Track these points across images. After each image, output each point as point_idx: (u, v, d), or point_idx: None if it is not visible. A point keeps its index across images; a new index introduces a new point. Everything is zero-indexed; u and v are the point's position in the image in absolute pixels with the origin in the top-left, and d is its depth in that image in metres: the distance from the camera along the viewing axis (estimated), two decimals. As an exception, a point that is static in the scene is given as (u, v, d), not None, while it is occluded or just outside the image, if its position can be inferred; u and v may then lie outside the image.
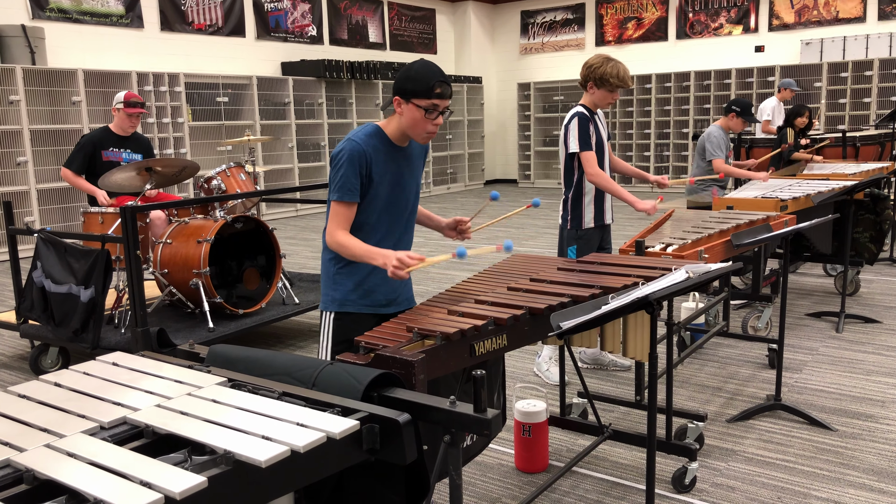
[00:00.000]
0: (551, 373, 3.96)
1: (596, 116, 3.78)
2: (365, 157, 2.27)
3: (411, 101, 2.23)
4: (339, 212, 2.29)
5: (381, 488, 1.41)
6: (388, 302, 2.44)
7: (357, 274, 2.37)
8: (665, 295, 2.00)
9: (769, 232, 3.35)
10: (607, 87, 3.62)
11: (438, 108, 2.25)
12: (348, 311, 2.39)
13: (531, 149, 14.46)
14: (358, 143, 2.27)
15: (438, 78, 2.22)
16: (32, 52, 8.05)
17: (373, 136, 2.32)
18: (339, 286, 2.39)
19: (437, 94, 2.22)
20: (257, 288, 4.75)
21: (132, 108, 4.85)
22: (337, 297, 2.39)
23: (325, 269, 2.44)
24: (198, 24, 10.13)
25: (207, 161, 9.79)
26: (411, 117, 2.26)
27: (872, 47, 11.04)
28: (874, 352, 4.25)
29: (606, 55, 3.66)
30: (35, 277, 4.19)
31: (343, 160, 2.27)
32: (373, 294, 2.39)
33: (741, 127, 5.12)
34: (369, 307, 2.40)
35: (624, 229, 8.65)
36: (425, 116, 2.24)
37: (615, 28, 13.65)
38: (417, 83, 2.21)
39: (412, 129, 2.29)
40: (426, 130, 2.28)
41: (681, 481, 2.77)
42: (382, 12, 13.18)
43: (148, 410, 1.30)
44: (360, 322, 2.38)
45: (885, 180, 5.06)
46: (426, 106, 2.22)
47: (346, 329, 2.38)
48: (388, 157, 2.35)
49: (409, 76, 2.23)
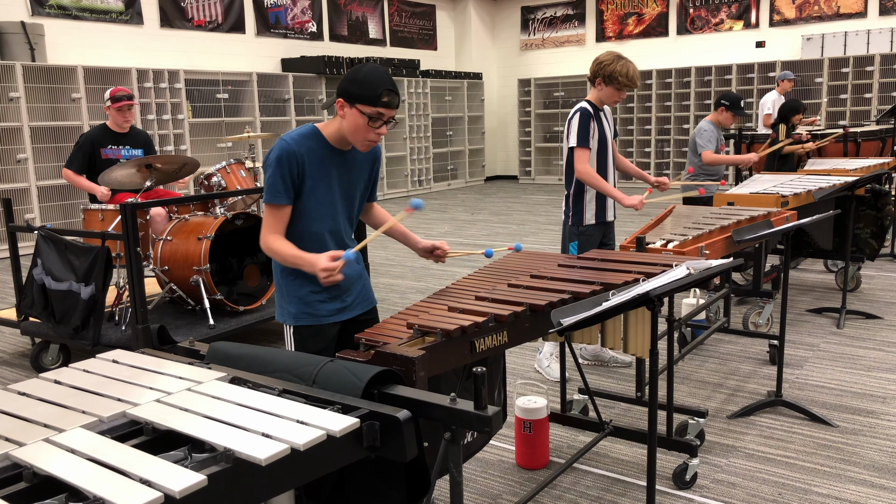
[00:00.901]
0: (552, 369, 3.96)
1: (601, 113, 3.76)
2: (296, 157, 2.17)
3: (355, 106, 2.12)
4: (270, 214, 2.20)
5: (382, 485, 1.41)
6: (343, 308, 2.36)
7: (307, 286, 2.30)
8: (666, 291, 1.99)
9: (770, 228, 3.35)
10: (615, 85, 3.60)
11: (383, 118, 2.14)
12: (305, 324, 2.32)
13: (532, 145, 14.45)
14: (289, 143, 2.17)
15: (387, 86, 2.11)
16: (32, 48, 8.04)
17: (308, 136, 2.22)
18: (292, 298, 2.32)
19: (383, 102, 2.11)
20: (258, 285, 4.75)
21: (119, 103, 4.85)
22: (291, 310, 2.32)
23: (278, 282, 2.36)
24: (197, 20, 10.11)
25: (208, 158, 9.78)
26: (353, 123, 2.15)
27: (873, 42, 11.01)
28: (875, 348, 4.25)
29: (618, 53, 3.62)
30: (35, 274, 4.19)
31: (272, 161, 2.17)
32: (325, 304, 2.32)
33: (731, 121, 5.12)
34: (324, 317, 2.33)
35: (625, 225, 8.64)
36: (368, 124, 2.14)
37: (616, 24, 13.62)
38: (364, 88, 2.10)
39: (353, 134, 2.18)
40: (367, 138, 2.18)
41: (682, 478, 2.77)
42: (382, 8, 13.16)
43: (148, 407, 1.30)
44: (318, 332, 2.32)
45: (886, 176, 5.05)
46: (371, 113, 2.12)
47: (305, 342, 2.32)
48: (324, 160, 2.24)
49: (357, 79, 2.12)
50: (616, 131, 3.94)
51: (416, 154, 12.99)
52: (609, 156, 3.80)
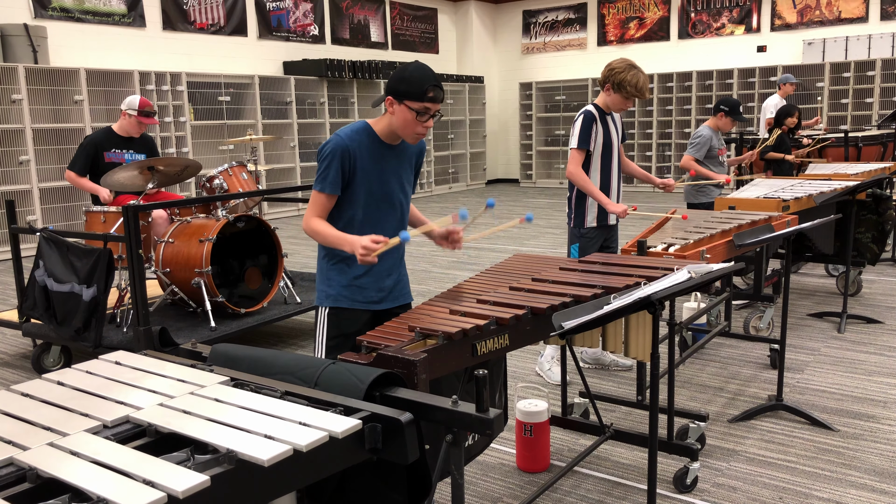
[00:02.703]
0: (553, 372, 3.96)
1: (608, 117, 3.78)
2: (348, 151, 2.33)
3: (404, 103, 2.28)
4: (317, 201, 2.37)
5: (384, 487, 1.41)
6: (380, 299, 2.50)
7: (349, 271, 2.44)
8: (667, 295, 2.00)
9: (771, 232, 3.35)
10: (623, 93, 3.62)
11: (430, 112, 2.29)
12: (342, 307, 2.45)
13: (533, 148, 14.45)
14: (343, 138, 2.34)
15: (432, 82, 2.26)
16: (35, 51, 8.06)
17: (360, 132, 2.38)
18: (333, 282, 2.46)
19: (429, 97, 2.26)
20: (259, 287, 4.76)
21: (146, 119, 4.81)
22: (331, 292, 2.46)
23: (320, 266, 2.51)
24: (200, 23, 10.13)
25: (209, 160, 9.79)
26: (402, 118, 2.31)
27: (875, 47, 11.02)
28: (876, 352, 4.25)
29: (631, 62, 3.63)
30: (37, 276, 4.19)
31: (326, 154, 2.34)
32: (364, 290, 2.46)
33: (730, 126, 5.12)
34: (361, 303, 2.46)
35: (626, 229, 8.65)
36: (416, 118, 2.29)
37: (617, 28, 13.64)
38: (411, 85, 2.25)
39: (402, 129, 2.34)
40: (416, 132, 2.33)
41: (682, 481, 2.77)
42: (384, 12, 13.18)
43: (151, 409, 1.30)
44: (353, 317, 2.46)
45: (887, 180, 5.06)
46: (418, 109, 2.27)
47: (340, 323, 2.45)
48: (375, 153, 2.39)
49: (404, 78, 2.27)
50: (624, 135, 3.96)
51: (418, 157, 12.99)
52: (613, 160, 3.81)
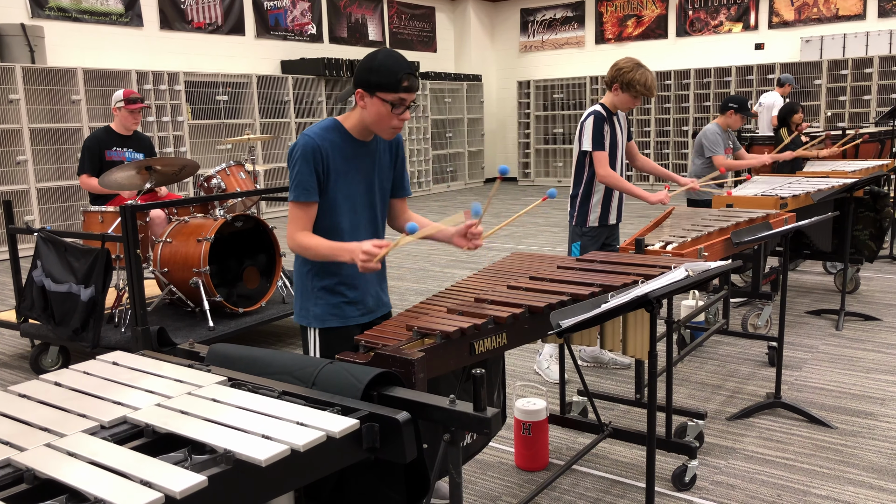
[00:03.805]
0: (551, 371, 3.96)
1: (615, 117, 3.78)
2: (320, 151, 2.13)
3: (376, 95, 2.08)
4: (297, 213, 2.15)
5: (382, 487, 1.41)
6: (369, 311, 2.35)
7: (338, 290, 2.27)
8: (665, 293, 2.00)
9: (769, 230, 3.35)
10: (632, 92, 3.62)
11: (405, 103, 2.10)
12: (333, 327, 2.29)
13: (531, 147, 14.45)
14: (312, 137, 2.13)
15: (406, 70, 2.06)
16: (32, 50, 8.05)
17: (330, 130, 2.18)
18: (320, 300, 2.28)
19: (404, 87, 2.06)
20: (257, 287, 4.76)
21: (134, 105, 4.85)
22: (318, 312, 2.28)
23: (302, 282, 2.30)
24: (197, 22, 10.12)
25: (207, 160, 9.78)
26: (376, 112, 2.11)
27: (872, 45, 11.03)
28: (874, 349, 4.25)
29: (637, 61, 3.63)
30: (35, 276, 4.19)
31: (297, 157, 2.13)
32: (349, 305, 2.29)
33: (740, 123, 5.12)
34: (351, 318, 2.30)
35: (625, 227, 8.65)
36: (391, 111, 2.10)
37: (615, 26, 13.64)
38: (383, 76, 2.05)
39: (376, 124, 2.14)
40: (391, 125, 2.14)
41: (681, 479, 2.78)
42: (382, 10, 13.17)
43: (148, 410, 1.30)
44: (346, 335, 2.27)
45: (885, 178, 5.06)
46: (392, 100, 2.08)
47: (333, 343, 2.29)
48: (347, 153, 2.20)
49: (374, 67, 2.06)
50: (631, 133, 3.96)
51: (416, 156, 12.99)
52: (618, 159, 3.83)
